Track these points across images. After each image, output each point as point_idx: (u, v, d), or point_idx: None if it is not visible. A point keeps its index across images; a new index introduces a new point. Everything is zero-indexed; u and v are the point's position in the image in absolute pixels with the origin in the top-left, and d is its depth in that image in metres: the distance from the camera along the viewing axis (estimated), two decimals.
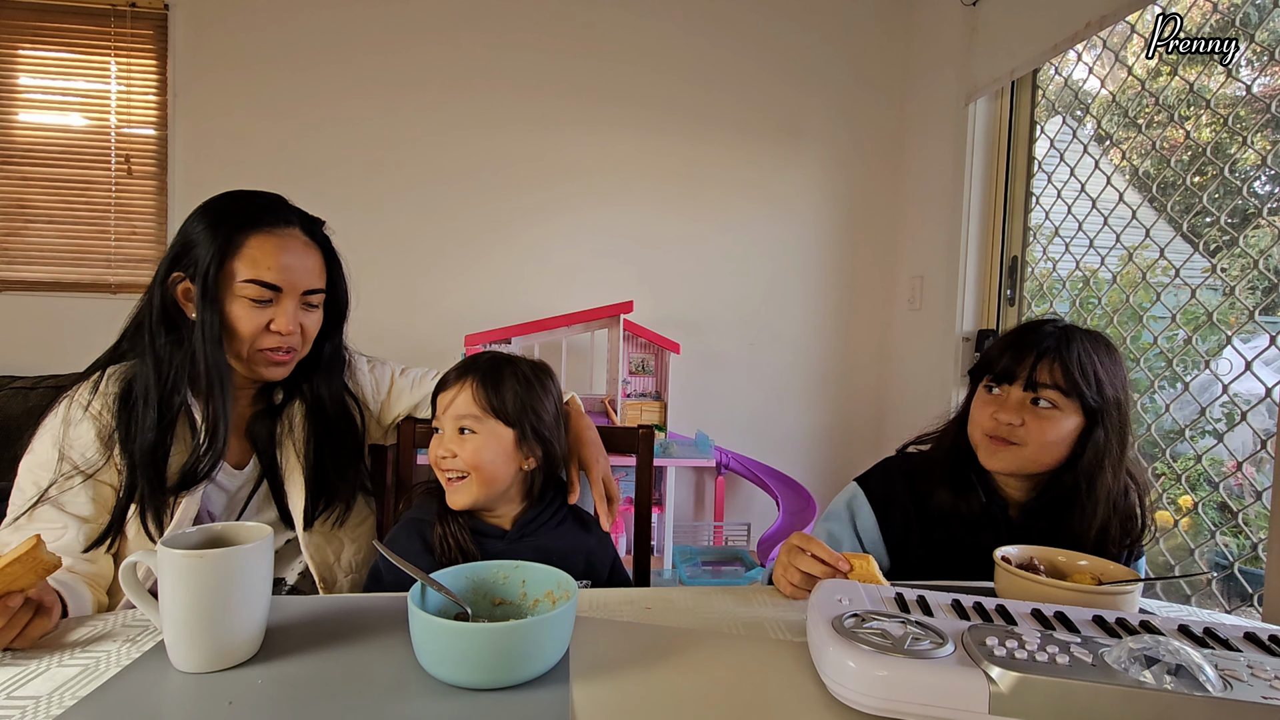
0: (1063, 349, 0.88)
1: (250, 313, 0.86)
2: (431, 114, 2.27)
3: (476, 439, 0.85)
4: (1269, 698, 0.45)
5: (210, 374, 0.85)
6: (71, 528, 0.80)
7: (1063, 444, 0.88)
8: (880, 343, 2.51)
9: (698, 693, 0.54)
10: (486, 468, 0.84)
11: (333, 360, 0.99)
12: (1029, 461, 0.89)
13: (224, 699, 0.51)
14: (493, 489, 0.85)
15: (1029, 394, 0.89)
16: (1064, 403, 0.88)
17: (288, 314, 0.88)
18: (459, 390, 0.87)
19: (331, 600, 0.71)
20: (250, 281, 0.85)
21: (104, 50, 2.15)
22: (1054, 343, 0.89)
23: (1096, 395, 0.87)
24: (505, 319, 2.16)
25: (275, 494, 0.97)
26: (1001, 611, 0.58)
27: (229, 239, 0.85)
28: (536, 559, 0.75)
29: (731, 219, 2.42)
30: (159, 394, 0.84)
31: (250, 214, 0.88)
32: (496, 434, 0.85)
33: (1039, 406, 0.89)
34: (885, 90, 2.43)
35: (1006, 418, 0.89)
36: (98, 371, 0.88)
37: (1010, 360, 0.91)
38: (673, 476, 2.05)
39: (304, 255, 0.90)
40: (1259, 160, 1.33)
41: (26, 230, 2.15)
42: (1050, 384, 0.88)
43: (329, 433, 0.97)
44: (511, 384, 0.87)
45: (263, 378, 0.92)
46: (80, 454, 0.83)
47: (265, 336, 0.87)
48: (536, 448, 0.88)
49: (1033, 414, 0.89)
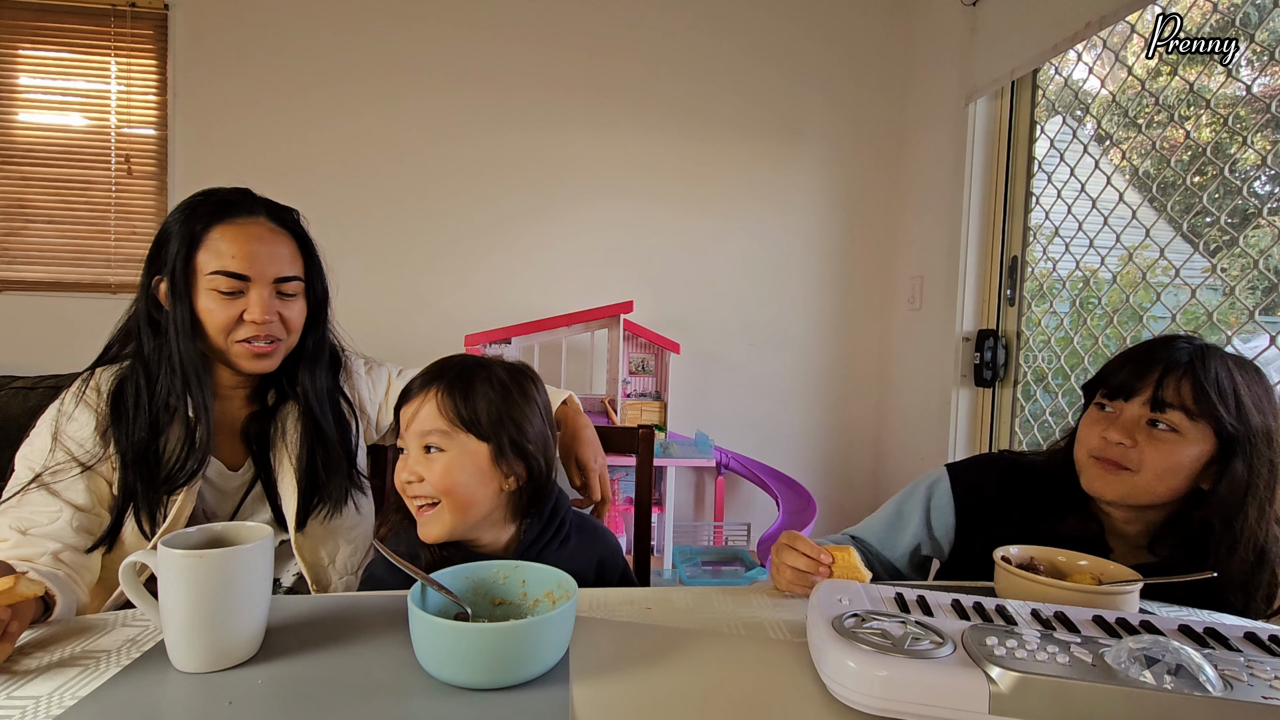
0: (1197, 364, 0.78)
1: (221, 304, 0.85)
2: (431, 113, 2.27)
3: (445, 458, 0.73)
4: (1269, 698, 0.45)
5: (186, 367, 0.85)
6: (65, 512, 0.80)
7: (1181, 474, 0.78)
8: (880, 343, 2.51)
9: (698, 693, 0.54)
10: (459, 491, 0.73)
11: (316, 353, 0.97)
12: (1141, 491, 0.79)
13: (224, 699, 0.51)
14: (469, 515, 0.74)
15: (1146, 412, 0.79)
16: (1188, 427, 0.77)
17: (260, 302, 0.86)
18: (422, 401, 0.75)
19: (331, 600, 0.71)
20: (217, 273, 0.85)
21: (104, 50, 2.15)
22: (1187, 358, 0.78)
23: (1236, 421, 0.76)
24: (505, 319, 2.16)
25: (269, 495, 0.97)
26: (1001, 611, 0.58)
27: (193, 232, 0.85)
28: None
29: (732, 219, 2.42)
30: (149, 393, 0.85)
31: (213, 207, 0.87)
32: (469, 450, 0.74)
33: (1156, 429, 0.78)
34: (885, 90, 2.43)
35: (1116, 437, 0.79)
36: (89, 371, 0.89)
37: (1130, 374, 0.81)
38: (673, 476, 2.05)
39: (271, 243, 0.89)
40: (1259, 160, 1.32)
41: (26, 230, 2.15)
42: (1177, 404, 0.77)
43: (320, 433, 0.96)
44: (485, 390, 0.75)
45: (249, 371, 0.91)
46: (78, 444, 0.83)
47: (241, 328, 0.87)
48: (518, 464, 0.76)
49: (1147, 435, 0.78)
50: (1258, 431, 0.77)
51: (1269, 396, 0.79)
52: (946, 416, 2.06)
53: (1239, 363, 0.80)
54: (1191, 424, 0.77)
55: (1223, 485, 0.77)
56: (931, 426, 2.15)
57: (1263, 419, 0.77)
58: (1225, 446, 0.77)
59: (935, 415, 2.13)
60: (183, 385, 0.85)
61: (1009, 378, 1.97)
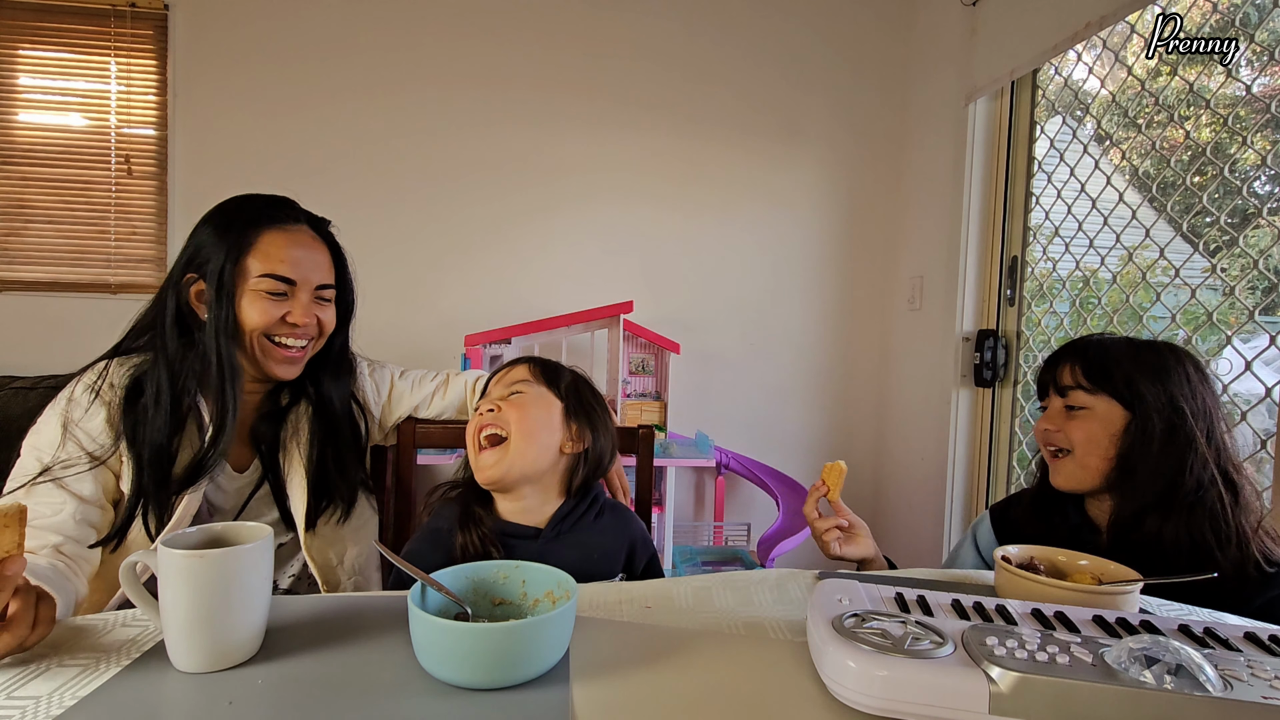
0: (1086, 349, 0.90)
1: (265, 306, 0.87)
2: (431, 113, 2.27)
3: (524, 398, 0.82)
4: (1269, 698, 0.45)
5: (223, 369, 0.86)
6: (69, 505, 0.80)
7: (1102, 442, 0.88)
8: (880, 343, 2.51)
9: (698, 693, 0.54)
10: (528, 424, 0.80)
11: (339, 358, 1.01)
12: (1080, 469, 0.89)
13: (224, 699, 0.51)
14: (528, 456, 0.80)
15: (1061, 400, 0.91)
16: (1092, 401, 0.88)
17: (303, 306, 0.90)
18: (516, 365, 0.88)
19: (331, 600, 0.71)
20: (266, 276, 0.87)
21: (104, 50, 2.15)
22: (1080, 347, 0.91)
23: (1126, 388, 0.86)
24: (505, 319, 2.16)
25: (276, 496, 0.97)
26: (1001, 611, 0.58)
27: (242, 235, 0.87)
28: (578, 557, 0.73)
29: (732, 219, 2.42)
30: (170, 395, 0.85)
31: (260, 212, 0.90)
32: (546, 399, 0.84)
33: (1072, 411, 0.90)
34: (885, 90, 2.43)
35: (1045, 425, 0.92)
36: (105, 360, 0.88)
37: (1044, 374, 0.95)
38: (673, 476, 2.05)
39: (314, 250, 0.93)
40: (1259, 160, 1.33)
41: (26, 230, 2.15)
42: (1073, 383, 0.89)
43: (333, 434, 0.97)
44: (567, 372, 0.90)
45: (276, 376, 0.92)
46: (90, 437, 0.83)
47: (280, 328, 0.89)
48: (585, 431, 0.84)
49: (1066, 418, 0.90)
50: (1150, 398, 0.85)
51: (1170, 368, 0.87)
52: (946, 417, 2.06)
53: (1139, 343, 0.90)
54: (1094, 398, 0.88)
55: (1124, 446, 0.86)
56: (931, 427, 2.15)
57: (1160, 388, 0.85)
58: (1130, 413, 0.86)
59: (935, 415, 2.13)
60: (218, 385, 0.86)
61: (1009, 378, 1.97)
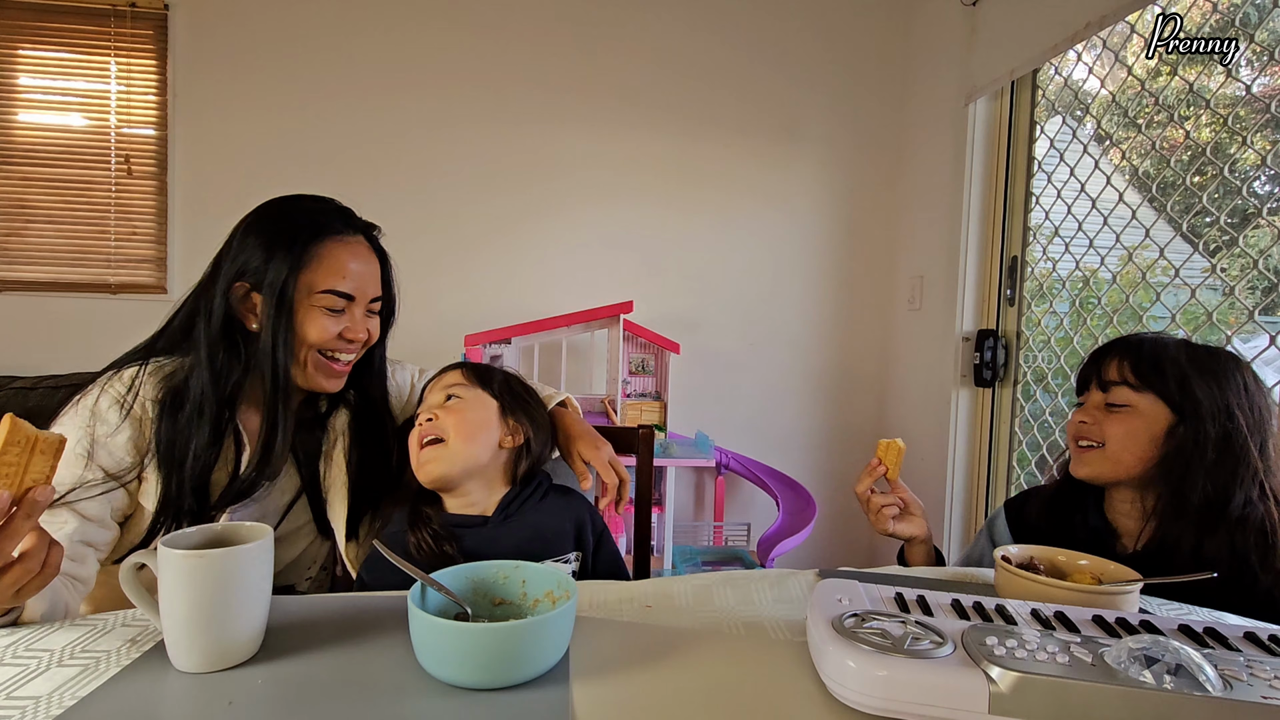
0: (1139, 347, 0.88)
1: (324, 321, 0.85)
2: (430, 113, 2.27)
3: (461, 403, 0.87)
4: (1269, 698, 0.45)
5: (277, 386, 0.83)
6: (70, 524, 0.75)
7: (1141, 439, 0.85)
8: (880, 343, 2.51)
9: (698, 692, 0.54)
10: (467, 425, 0.85)
11: (380, 365, 1.00)
12: (1110, 462, 0.88)
13: (224, 699, 0.51)
14: (469, 454, 0.84)
15: (1103, 395, 0.90)
16: (1137, 399, 0.86)
17: (358, 320, 0.89)
18: (448, 370, 0.93)
19: (331, 600, 0.71)
20: (327, 292, 0.85)
21: (104, 50, 2.15)
22: (1132, 343, 0.90)
23: (1179, 391, 0.84)
24: (505, 319, 2.16)
25: (312, 503, 0.95)
26: (1001, 611, 0.58)
27: (305, 249, 0.84)
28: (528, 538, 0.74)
29: (731, 218, 2.42)
30: (214, 408, 0.81)
31: (321, 221, 0.86)
32: (482, 400, 0.88)
33: (1113, 407, 0.88)
34: (885, 90, 2.43)
35: (1081, 418, 0.91)
36: (135, 366, 0.83)
37: (1088, 369, 0.93)
38: (673, 476, 2.05)
39: (369, 261, 0.91)
40: (1259, 160, 1.32)
41: (26, 230, 2.15)
42: (1120, 379, 0.88)
43: (372, 441, 0.96)
44: (495, 371, 0.94)
45: (321, 389, 0.90)
46: (111, 456, 0.79)
47: (335, 343, 0.87)
48: (521, 425, 0.89)
49: (1106, 413, 0.89)
50: (1205, 403, 0.83)
51: (1228, 375, 0.84)
52: (946, 416, 2.06)
53: (1195, 346, 0.88)
54: (1139, 395, 0.86)
55: (1170, 449, 0.84)
56: (931, 426, 2.15)
57: (1216, 393, 0.83)
58: (1178, 416, 0.84)
59: (935, 415, 2.13)
60: (270, 402, 0.83)
61: (1009, 378, 1.97)
